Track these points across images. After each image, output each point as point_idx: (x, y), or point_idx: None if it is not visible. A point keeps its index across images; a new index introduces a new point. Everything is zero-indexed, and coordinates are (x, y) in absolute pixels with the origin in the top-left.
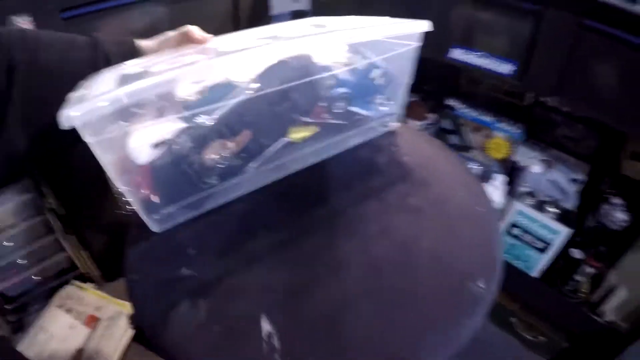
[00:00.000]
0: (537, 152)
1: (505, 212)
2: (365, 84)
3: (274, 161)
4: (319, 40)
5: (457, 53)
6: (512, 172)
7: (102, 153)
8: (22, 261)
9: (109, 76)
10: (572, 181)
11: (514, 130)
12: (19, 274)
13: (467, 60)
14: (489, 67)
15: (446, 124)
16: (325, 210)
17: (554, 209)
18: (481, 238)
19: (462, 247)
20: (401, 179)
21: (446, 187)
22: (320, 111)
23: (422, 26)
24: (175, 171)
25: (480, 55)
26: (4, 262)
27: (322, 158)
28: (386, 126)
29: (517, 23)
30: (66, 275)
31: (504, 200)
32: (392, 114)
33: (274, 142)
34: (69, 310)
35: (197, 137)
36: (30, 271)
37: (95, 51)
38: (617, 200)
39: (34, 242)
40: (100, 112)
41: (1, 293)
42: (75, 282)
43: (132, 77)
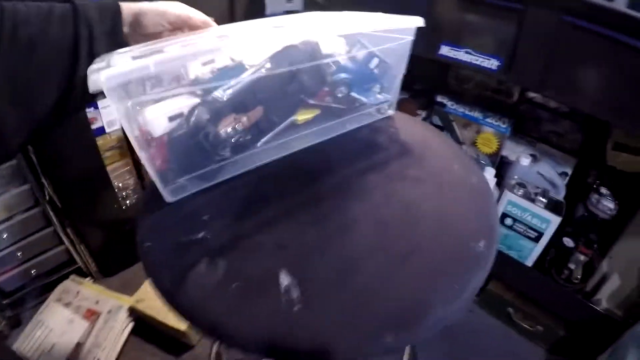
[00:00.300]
0: (524, 147)
1: (496, 203)
2: (364, 72)
3: (279, 139)
4: (321, 30)
5: (446, 50)
6: (501, 167)
7: (126, 120)
8: (19, 254)
9: (122, 55)
10: (560, 174)
11: (502, 126)
12: (16, 268)
13: (455, 57)
14: (477, 63)
15: (437, 120)
16: (332, 179)
17: (543, 198)
18: (478, 205)
19: (461, 212)
20: (400, 154)
21: (442, 161)
22: (324, 95)
23: (416, 21)
24: (192, 142)
25: (467, 52)
26: (1, 254)
27: (322, 139)
28: (382, 113)
29: (501, 21)
30: (64, 270)
31: (495, 192)
32: (387, 102)
33: (283, 121)
34: (67, 305)
35: (213, 111)
36: (27, 265)
37: (76, 19)
38: (604, 190)
39: (32, 234)
40: (127, 77)
41: None
42: (73, 276)
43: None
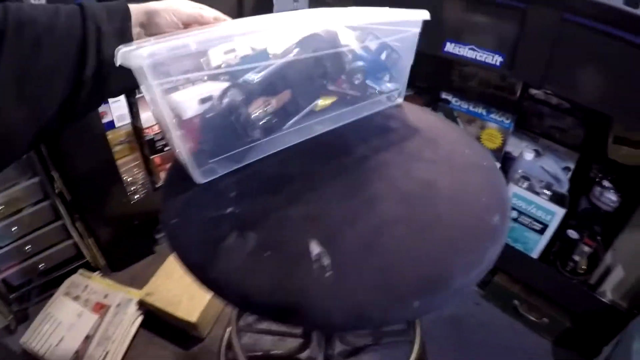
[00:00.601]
0: (527, 142)
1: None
2: (377, 61)
3: (302, 123)
4: (337, 21)
5: (451, 47)
6: (505, 162)
7: (161, 100)
8: (27, 248)
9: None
10: (564, 169)
11: (506, 122)
12: (24, 262)
13: (460, 53)
14: (480, 59)
15: (441, 116)
16: (353, 159)
17: (547, 191)
18: (490, 183)
19: (476, 189)
20: (414, 139)
21: (454, 145)
22: (341, 82)
23: (423, 14)
24: (224, 124)
25: (472, 49)
26: (9, 247)
27: (339, 125)
28: (392, 101)
29: (504, 19)
30: (71, 264)
31: None
32: (397, 90)
33: (307, 105)
34: (76, 298)
35: (245, 93)
36: (35, 258)
37: (83, 20)
38: (607, 183)
39: (40, 228)
40: (170, 54)
41: (5, 281)
42: (82, 270)
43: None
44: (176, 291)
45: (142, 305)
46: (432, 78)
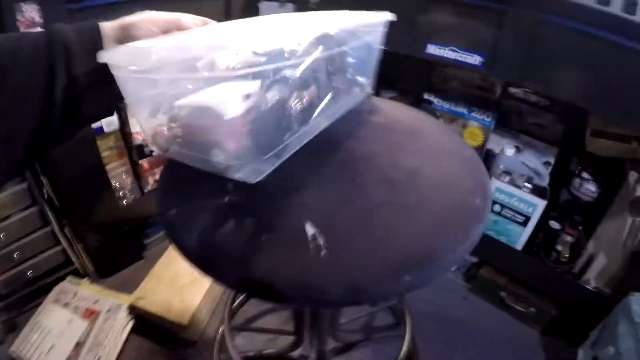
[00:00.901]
0: (508, 139)
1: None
2: (360, 57)
3: (317, 118)
4: (330, 22)
5: (432, 49)
6: (487, 159)
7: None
8: (15, 255)
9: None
10: (544, 164)
11: (486, 120)
12: (12, 269)
13: (441, 55)
14: (462, 60)
15: None
16: (343, 152)
17: (529, 184)
18: (471, 169)
19: (458, 175)
20: (398, 131)
21: (436, 137)
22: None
23: (386, 16)
24: (270, 120)
25: (453, 50)
26: None
27: (334, 119)
28: (365, 92)
29: (484, 21)
30: (60, 272)
31: None
32: (368, 81)
33: (323, 99)
34: (65, 305)
35: (289, 88)
36: (23, 266)
37: (49, 41)
38: (586, 175)
39: (29, 234)
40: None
41: None
42: (70, 277)
43: None
44: (166, 295)
45: (133, 310)
46: (415, 80)
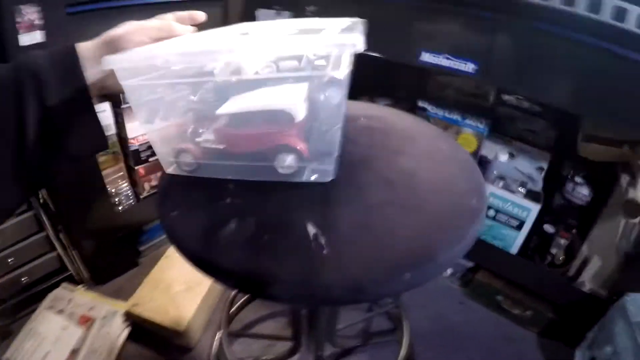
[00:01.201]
0: (502, 146)
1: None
2: None
3: None
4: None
5: (427, 57)
6: (481, 165)
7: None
8: (10, 260)
9: None
10: (537, 169)
11: (480, 126)
12: (6, 275)
13: (436, 62)
14: (456, 67)
15: None
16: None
17: (522, 189)
18: (467, 172)
19: (454, 177)
20: (395, 136)
21: (432, 141)
22: None
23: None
24: (325, 120)
25: (447, 58)
26: None
27: None
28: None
29: (478, 29)
30: (54, 278)
31: None
32: None
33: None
34: (60, 312)
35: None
36: (17, 272)
37: (17, 75)
38: (579, 179)
39: (23, 240)
40: None
41: None
42: (65, 284)
43: None
44: (163, 301)
45: (129, 317)
46: (410, 88)
